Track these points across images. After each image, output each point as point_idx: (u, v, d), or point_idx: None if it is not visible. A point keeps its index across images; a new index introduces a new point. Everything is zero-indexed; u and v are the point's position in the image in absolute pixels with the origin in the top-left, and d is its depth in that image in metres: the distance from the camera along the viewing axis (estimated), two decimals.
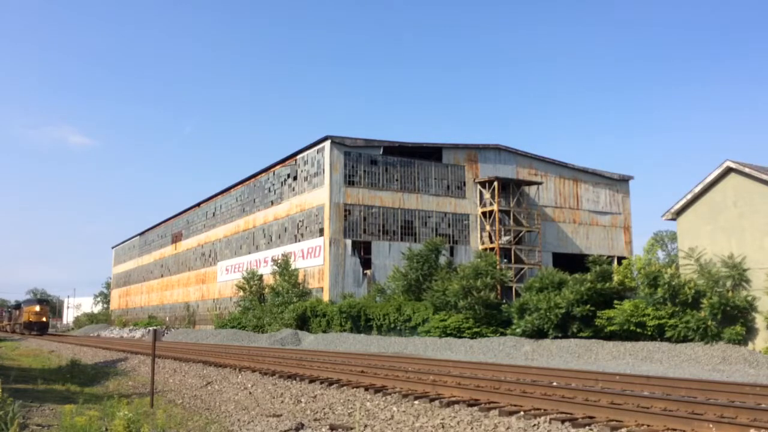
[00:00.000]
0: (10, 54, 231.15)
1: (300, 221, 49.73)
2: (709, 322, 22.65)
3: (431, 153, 50.16)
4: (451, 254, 47.42)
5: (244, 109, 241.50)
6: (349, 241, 45.84)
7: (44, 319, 67.52)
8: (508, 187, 51.30)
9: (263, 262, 53.36)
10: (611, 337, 25.39)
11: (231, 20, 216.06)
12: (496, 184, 49.49)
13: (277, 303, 45.26)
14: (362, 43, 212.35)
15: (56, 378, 17.69)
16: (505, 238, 49.58)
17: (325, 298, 44.34)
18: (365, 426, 9.19)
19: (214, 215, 67.94)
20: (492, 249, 47.57)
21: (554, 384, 12.87)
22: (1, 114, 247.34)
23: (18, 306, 76.78)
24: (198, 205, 72.53)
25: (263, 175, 56.98)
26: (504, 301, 35.02)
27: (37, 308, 67.72)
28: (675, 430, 7.93)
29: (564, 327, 26.76)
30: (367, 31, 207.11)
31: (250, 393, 13.43)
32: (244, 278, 51.70)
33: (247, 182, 60.07)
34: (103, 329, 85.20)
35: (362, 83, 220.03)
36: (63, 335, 74.19)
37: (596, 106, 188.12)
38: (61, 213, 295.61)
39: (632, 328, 24.56)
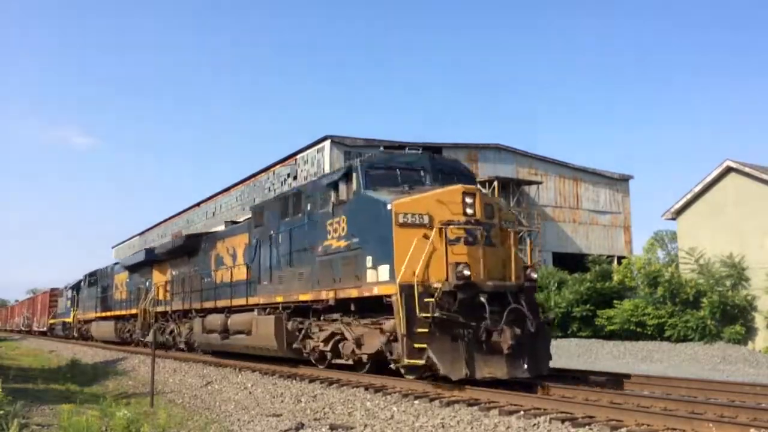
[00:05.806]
0: (13, 53, 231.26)
1: None
2: (709, 322, 22.68)
3: (431, 152, 50.06)
4: None
5: (244, 109, 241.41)
6: None
7: None
8: (508, 187, 51.24)
9: None
10: (611, 336, 25.41)
11: (231, 20, 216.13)
12: (496, 183, 49.45)
13: None
14: (362, 43, 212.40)
15: (56, 377, 17.70)
16: None
17: None
18: (365, 425, 9.19)
19: (214, 215, 67.85)
20: None
21: None
22: (3, 114, 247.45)
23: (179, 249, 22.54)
24: (198, 204, 72.41)
25: (263, 174, 56.88)
26: None
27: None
28: (675, 429, 7.91)
29: (564, 326, 26.78)
30: (366, 30, 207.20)
31: (250, 393, 13.42)
32: None
33: (247, 182, 59.99)
34: None
35: (362, 83, 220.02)
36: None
37: (596, 105, 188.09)
38: (61, 213, 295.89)
39: (632, 327, 24.58)
